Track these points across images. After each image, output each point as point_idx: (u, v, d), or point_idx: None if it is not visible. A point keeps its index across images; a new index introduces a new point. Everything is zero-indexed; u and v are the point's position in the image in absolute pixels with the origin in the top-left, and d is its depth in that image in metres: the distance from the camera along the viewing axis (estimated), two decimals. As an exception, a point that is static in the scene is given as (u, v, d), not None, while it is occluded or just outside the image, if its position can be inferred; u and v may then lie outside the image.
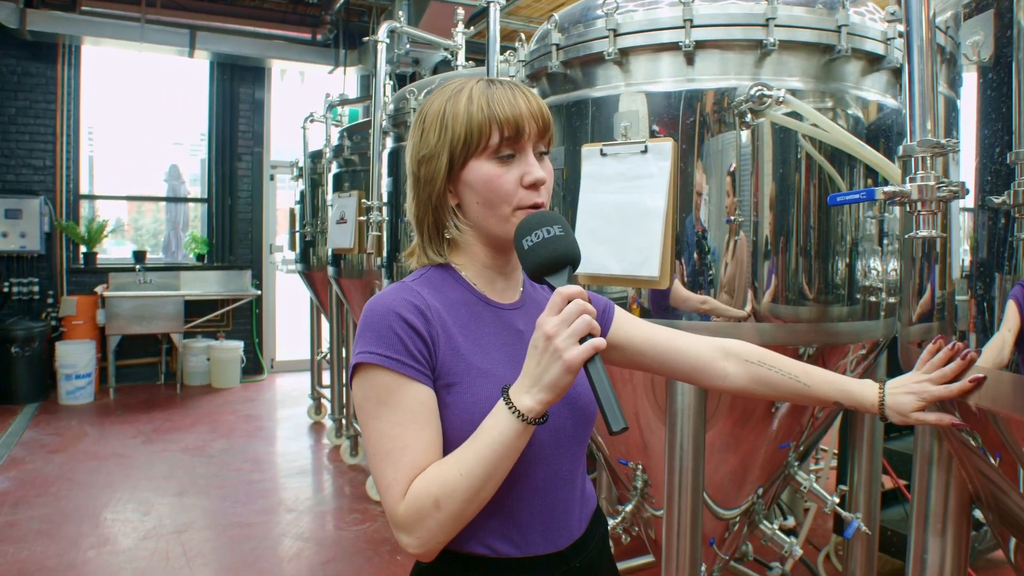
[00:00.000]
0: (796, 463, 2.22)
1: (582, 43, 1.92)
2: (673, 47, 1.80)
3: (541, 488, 1.06)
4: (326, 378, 5.90)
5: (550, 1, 7.13)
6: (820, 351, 1.88)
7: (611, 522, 2.22)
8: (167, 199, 7.95)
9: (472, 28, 3.46)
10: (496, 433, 0.93)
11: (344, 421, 5.05)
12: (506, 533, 1.04)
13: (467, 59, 6.02)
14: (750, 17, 1.75)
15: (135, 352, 6.99)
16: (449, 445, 0.99)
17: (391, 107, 3.16)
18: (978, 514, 1.48)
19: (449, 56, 6.02)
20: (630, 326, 1.24)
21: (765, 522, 2.27)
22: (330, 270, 4.50)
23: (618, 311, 1.25)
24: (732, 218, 1.81)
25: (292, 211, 5.85)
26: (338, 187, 4.32)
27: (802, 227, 1.82)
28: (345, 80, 7.81)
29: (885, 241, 1.97)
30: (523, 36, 2.19)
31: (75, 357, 6.23)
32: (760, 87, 1.71)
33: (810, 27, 1.77)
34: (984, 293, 1.19)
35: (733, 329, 1.81)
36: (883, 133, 1.92)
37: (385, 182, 3.21)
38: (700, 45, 1.76)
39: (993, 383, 1.10)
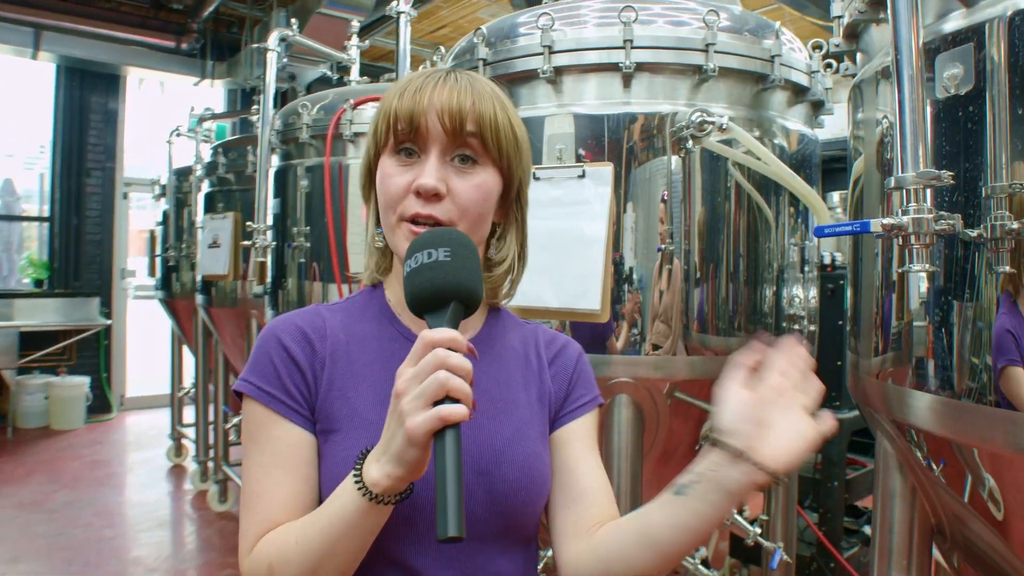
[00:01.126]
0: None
1: (513, 59, 1.79)
2: (612, 68, 1.71)
3: None
4: (188, 416, 5.37)
5: (429, 23, 7.06)
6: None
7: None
8: (0, 217, 7.06)
9: (367, 42, 3.26)
10: (338, 505, 0.77)
11: (212, 464, 4.58)
12: None
13: (339, 78, 5.80)
14: (691, 42, 1.70)
15: (-45, 391, 6.09)
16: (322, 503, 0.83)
17: (279, 122, 2.90)
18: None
19: (328, 72, 5.77)
20: (571, 435, 0.97)
21: (687, 559, 2.21)
22: (199, 298, 4.10)
23: (594, 413, 1.00)
24: (664, 246, 1.74)
25: (152, 233, 5.33)
26: (210, 208, 3.95)
27: (732, 255, 1.78)
28: (212, 94, 7.32)
29: (806, 268, 1.97)
30: (442, 49, 2.05)
31: None
32: (701, 113, 1.66)
33: (746, 55, 1.74)
34: (942, 320, 1.16)
35: (664, 363, 1.72)
36: (804, 163, 1.93)
37: (272, 203, 2.93)
38: (640, 67, 1.69)
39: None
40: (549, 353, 1.02)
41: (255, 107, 4.37)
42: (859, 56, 1.51)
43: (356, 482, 0.75)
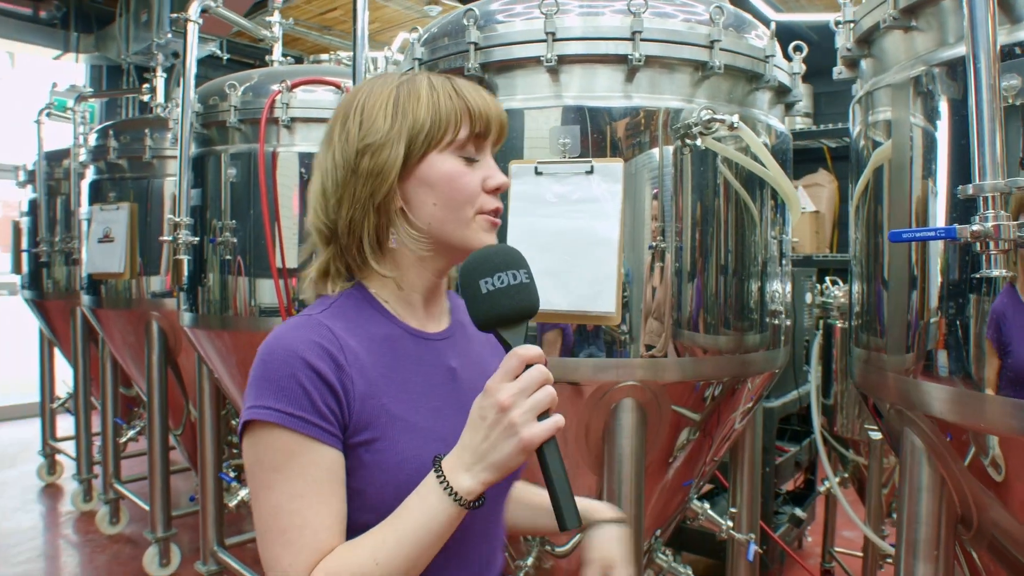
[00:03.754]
0: (693, 496, 2.19)
1: (509, 45, 1.68)
2: (618, 60, 1.65)
3: (451, 550, 0.87)
4: (63, 428, 4.83)
5: (320, 4, 6.71)
6: (730, 384, 1.84)
7: (514, 582, 1.99)
8: None
9: (277, 18, 2.98)
10: (425, 517, 0.80)
11: (99, 482, 4.13)
12: None
13: (229, 59, 5.40)
14: (696, 37, 1.66)
15: None
16: (369, 511, 0.84)
17: (197, 105, 2.61)
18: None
19: (218, 52, 5.35)
20: None
21: (660, 555, 2.21)
22: (84, 299, 3.66)
23: None
24: (655, 243, 1.70)
25: (17, 224, 4.71)
26: (99, 197, 3.53)
27: (722, 251, 1.77)
28: (73, 70, 6.59)
29: (783, 262, 2.00)
30: (419, 28, 1.90)
31: None
32: (709, 111, 1.63)
33: (745, 54, 1.73)
34: (956, 314, 1.20)
35: (654, 365, 1.69)
36: (779, 158, 1.95)
37: (190, 194, 2.65)
38: (647, 61, 1.63)
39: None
40: None
41: (146, 86, 3.97)
42: (866, 62, 1.53)
43: (447, 492, 0.79)
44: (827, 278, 3.21)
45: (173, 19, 2.91)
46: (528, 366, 0.80)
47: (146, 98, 3.87)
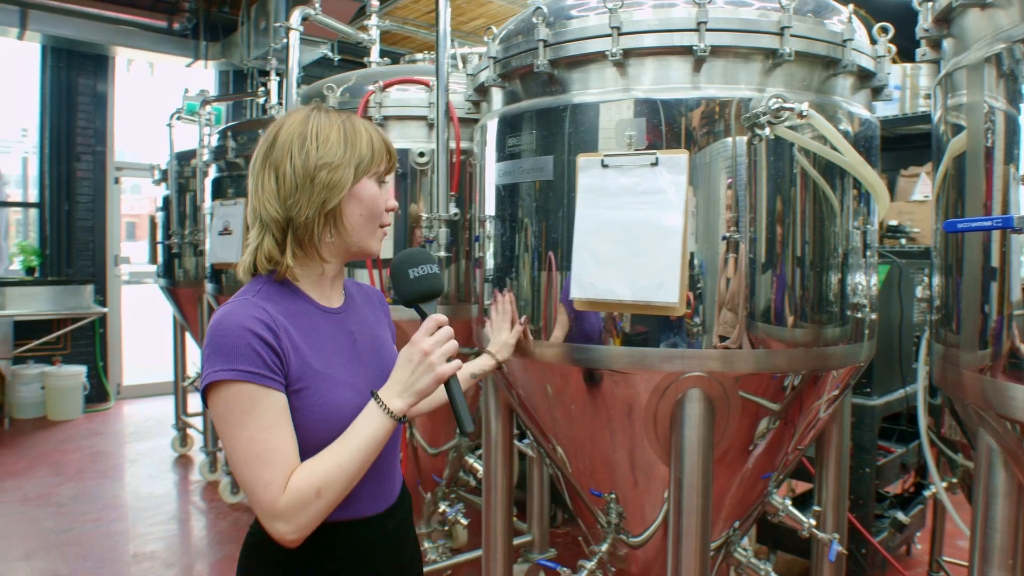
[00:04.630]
0: (773, 490, 2.15)
1: (577, 40, 1.72)
2: (684, 51, 1.64)
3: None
4: (193, 405, 5.28)
5: (427, 3, 6.90)
6: (810, 375, 1.80)
7: (587, 565, 2.03)
8: (-13, 203, 6.87)
9: (378, 20, 3.14)
10: (371, 430, 1.13)
11: (222, 455, 4.50)
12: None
13: (340, 59, 5.65)
14: (765, 24, 1.63)
15: (-52, 383, 5.93)
16: (302, 444, 1.12)
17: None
18: None
19: (329, 54, 5.62)
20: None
21: (739, 550, 2.18)
22: (208, 286, 3.99)
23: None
24: (729, 234, 1.68)
25: (153, 219, 5.19)
26: (219, 194, 3.84)
27: (799, 242, 1.73)
28: (203, 76, 7.13)
29: (868, 253, 1.92)
30: (494, 28, 1.96)
31: None
32: (778, 99, 1.60)
33: (819, 39, 1.68)
34: None
35: (727, 356, 1.68)
36: (863, 147, 1.88)
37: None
38: (715, 51, 1.62)
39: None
40: (368, 296, 1.46)
41: (261, 89, 4.25)
42: (947, 42, 1.46)
43: (385, 411, 1.14)
44: (938, 270, 3.02)
45: (276, 27, 3.12)
46: (440, 328, 1.18)
47: (261, 100, 4.15)
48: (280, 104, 3.23)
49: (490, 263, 2.01)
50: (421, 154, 2.53)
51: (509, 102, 1.95)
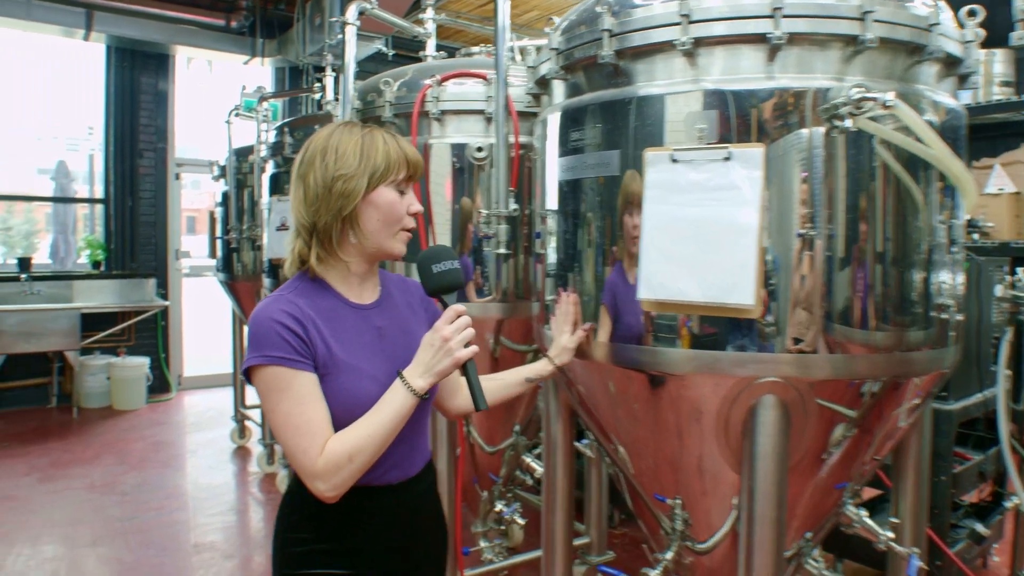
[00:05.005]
0: (848, 500, 2.05)
1: (644, 30, 1.65)
2: (757, 39, 1.56)
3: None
4: (252, 397, 5.37)
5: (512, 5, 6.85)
6: (891, 382, 1.70)
7: (650, 573, 1.97)
8: (57, 199, 7.11)
9: (430, 15, 3.10)
10: (397, 405, 1.28)
11: (279, 448, 4.57)
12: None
13: (395, 54, 5.64)
14: (844, 9, 1.54)
15: (21, 373, 6.16)
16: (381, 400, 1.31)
17: (357, 101, 2.79)
18: None
19: (384, 49, 5.64)
20: None
21: (811, 561, 2.09)
22: (266, 281, 4.04)
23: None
24: (804, 231, 1.59)
25: (212, 214, 5.28)
26: (276, 189, 3.87)
27: (880, 239, 1.63)
28: (260, 73, 7.24)
29: (955, 249, 1.80)
30: (555, 19, 1.91)
31: (-52, 381, 5.40)
32: (860, 89, 1.50)
33: (904, 24, 1.58)
34: None
35: (801, 361, 1.59)
36: (949, 138, 1.76)
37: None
38: (791, 39, 1.53)
39: None
40: (408, 290, 1.57)
41: (317, 85, 4.27)
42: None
43: (408, 389, 1.29)
44: (1020, 269, 2.85)
45: (332, 23, 3.12)
46: (459, 316, 1.31)
47: (317, 96, 4.17)
48: (336, 100, 3.23)
49: (552, 259, 1.96)
50: (479, 149, 2.49)
51: (571, 95, 1.89)
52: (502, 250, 2.15)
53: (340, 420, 1.29)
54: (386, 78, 2.66)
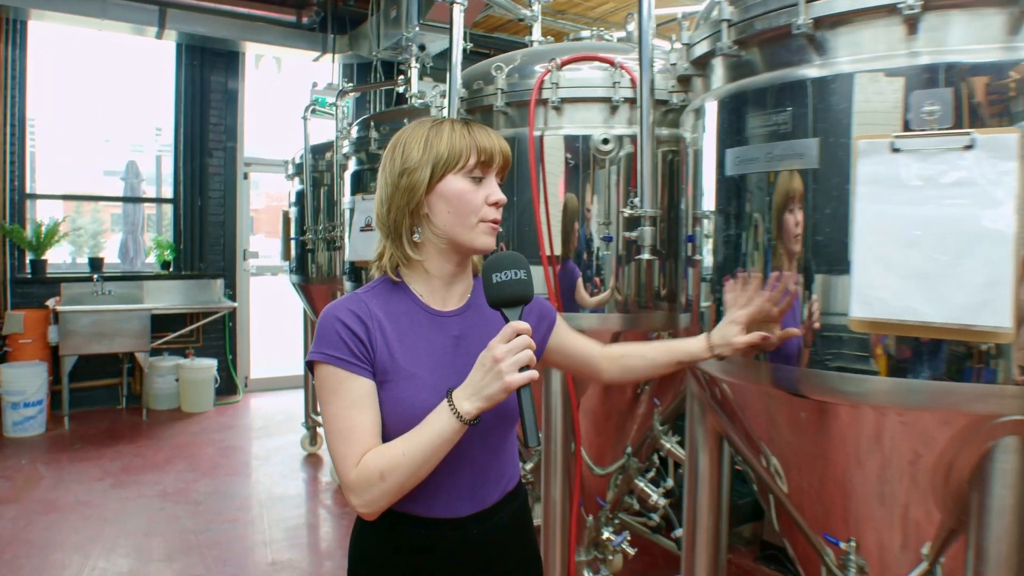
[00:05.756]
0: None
1: (851, -8, 1.36)
2: (1000, 1, 1.27)
3: (450, 465, 1.21)
4: (322, 404, 5.21)
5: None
6: None
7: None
8: (127, 199, 7.10)
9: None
10: (438, 427, 1.15)
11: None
12: (415, 497, 1.22)
13: (471, 51, 5.43)
14: None
15: (92, 373, 6.13)
16: (382, 434, 1.21)
17: (462, 90, 2.55)
18: None
19: (463, 42, 5.41)
20: (567, 335, 1.50)
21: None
22: (346, 284, 3.85)
23: (559, 319, 1.50)
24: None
25: (286, 214, 5.14)
26: (360, 187, 3.67)
27: None
28: (328, 70, 7.11)
29: None
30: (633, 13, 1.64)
31: (23, 382, 5.37)
32: None
33: None
34: None
35: None
36: None
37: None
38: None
39: None
40: (531, 305, 1.40)
41: (400, 77, 4.08)
42: None
43: (453, 412, 1.13)
44: None
45: (440, 2, 2.91)
46: (518, 335, 1.12)
47: (400, 89, 3.97)
48: (435, 89, 2.99)
49: (710, 264, 1.69)
50: (605, 141, 2.23)
51: (741, 76, 1.62)
52: (646, 256, 1.89)
53: (393, 430, 1.20)
54: (497, 63, 2.42)
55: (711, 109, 1.68)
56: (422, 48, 5.58)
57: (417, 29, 5.03)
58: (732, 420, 1.78)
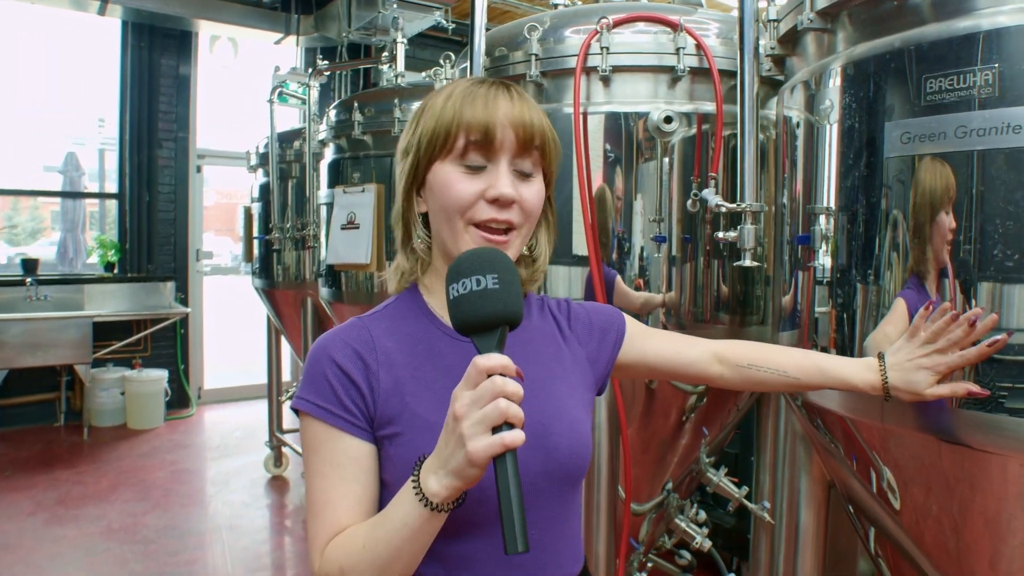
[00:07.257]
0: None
1: None
2: None
3: (472, 548, 0.92)
4: (289, 419, 4.70)
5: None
6: None
7: None
8: (66, 194, 6.43)
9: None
10: (401, 514, 0.82)
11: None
12: None
13: (455, 26, 5.01)
14: None
15: (25, 388, 5.48)
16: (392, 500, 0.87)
17: (484, 58, 2.10)
18: None
19: (443, 21, 4.99)
20: (643, 342, 1.15)
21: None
22: (323, 291, 3.37)
23: (630, 324, 1.16)
24: None
25: (247, 210, 4.60)
26: (340, 179, 3.20)
27: None
28: (288, 55, 6.58)
29: None
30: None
31: (-58, 400, 4.72)
32: None
33: None
34: None
35: None
36: None
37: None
38: None
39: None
40: (563, 320, 1.11)
41: (385, 55, 3.62)
42: None
43: (416, 493, 0.80)
44: None
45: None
46: (486, 378, 0.75)
47: (385, 67, 3.51)
48: (457, 65, 2.53)
49: (840, 273, 1.30)
50: (668, 119, 1.82)
51: (891, 30, 1.23)
52: (747, 262, 1.49)
53: None
54: (531, 23, 2.00)
55: (835, 75, 1.29)
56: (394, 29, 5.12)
57: (395, 6, 4.57)
58: (847, 452, 1.38)
